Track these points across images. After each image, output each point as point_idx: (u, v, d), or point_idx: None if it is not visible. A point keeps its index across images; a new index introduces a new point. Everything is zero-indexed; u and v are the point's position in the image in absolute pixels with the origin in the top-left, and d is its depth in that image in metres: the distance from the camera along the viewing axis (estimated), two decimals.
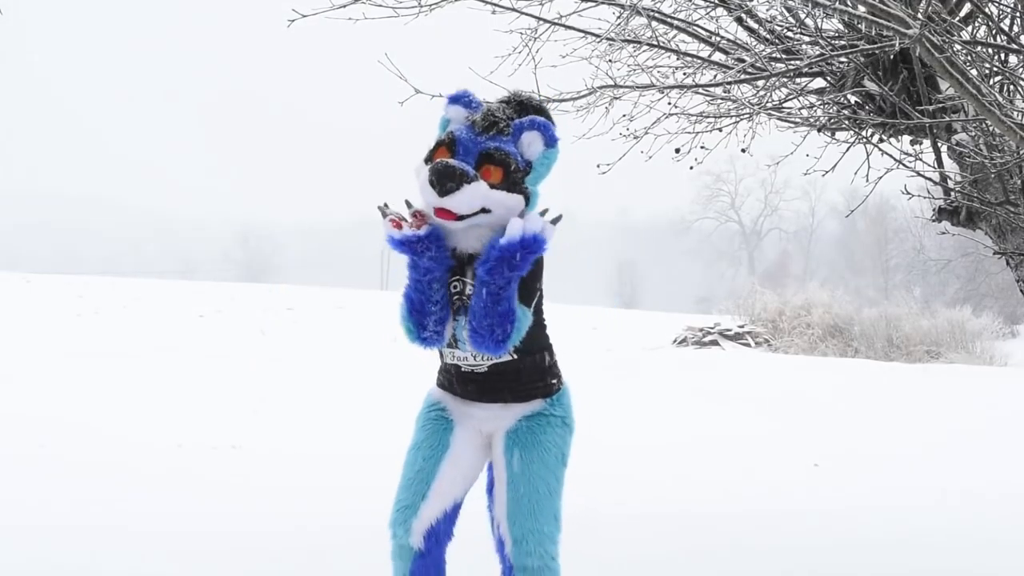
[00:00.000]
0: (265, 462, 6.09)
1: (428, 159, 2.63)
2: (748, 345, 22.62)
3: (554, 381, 2.83)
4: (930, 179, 4.00)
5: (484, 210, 2.58)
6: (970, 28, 3.87)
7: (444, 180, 2.50)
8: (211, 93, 75.13)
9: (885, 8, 2.68)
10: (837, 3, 3.36)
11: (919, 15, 2.73)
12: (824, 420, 8.68)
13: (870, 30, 3.57)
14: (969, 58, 3.42)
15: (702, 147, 4.50)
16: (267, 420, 7.81)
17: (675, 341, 23.46)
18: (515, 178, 2.63)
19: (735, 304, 25.96)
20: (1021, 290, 3.91)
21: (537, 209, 2.71)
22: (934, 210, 4.12)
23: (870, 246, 49.46)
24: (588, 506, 5.14)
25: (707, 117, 4.37)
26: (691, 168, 4.66)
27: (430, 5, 3.81)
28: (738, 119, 4.37)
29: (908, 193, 4.12)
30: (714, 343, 22.53)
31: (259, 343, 18.92)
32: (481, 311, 2.56)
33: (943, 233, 4.52)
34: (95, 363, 11.38)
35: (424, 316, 2.63)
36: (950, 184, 3.96)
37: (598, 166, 4.30)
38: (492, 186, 2.57)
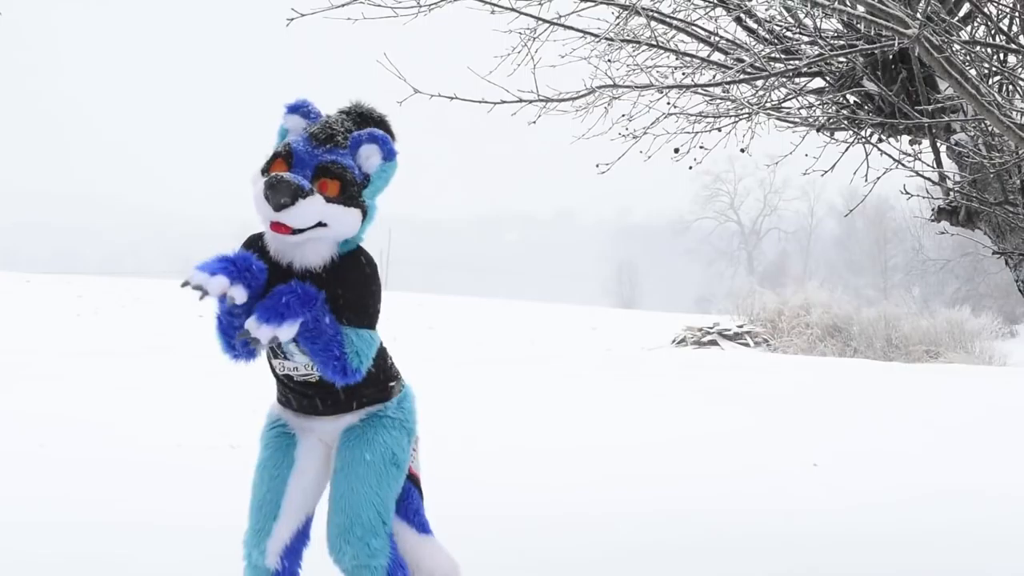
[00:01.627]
0: None
1: (265, 170, 2.60)
2: (747, 345, 22.65)
3: (392, 384, 2.86)
4: (929, 179, 4.00)
5: (321, 224, 2.55)
6: (969, 28, 3.87)
7: (278, 195, 2.47)
8: (211, 92, 75.12)
9: (884, 8, 2.68)
10: (836, 3, 3.36)
11: (918, 15, 2.73)
12: (823, 420, 8.68)
13: (869, 30, 3.57)
14: (968, 58, 3.42)
15: (701, 147, 4.50)
16: None
17: (674, 341, 23.48)
18: (352, 191, 2.60)
19: (734, 304, 26.00)
20: (1020, 290, 3.91)
21: (374, 222, 2.71)
22: (933, 210, 4.13)
23: (869, 246, 49.46)
24: (587, 505, 5.15)
25: (706, 117, 4.37)
26: (690, 168, 4.67)
27: (429, 5, 3.81)
28: (737, 119, 4.37)
29: (907, 193, 4.13)
30: (713, 343, 22.56)
31: None
32: (310, 351, 2.58)
33: (942, 233, 4.52)
34: (94, 362, 11.38)
35: (232, 336, 2.63)
36: (949, 184, 3.96)
37: (597, 166, 4.30)
38: (328, 199, 2.55)
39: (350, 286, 2.63)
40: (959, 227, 4.08)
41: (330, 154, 2.59)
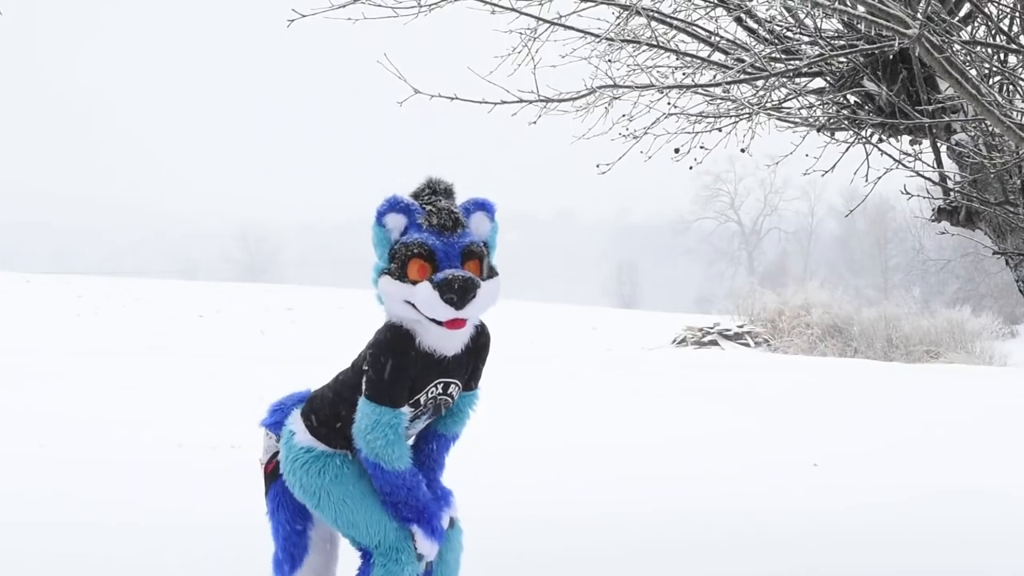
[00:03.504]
0: None
1: (400, 275, 2.58)
2: (747, 345, 22.65)
3: None
4: (929, 179, 4.00)
5: None
6: (969, 28, 3.87)
7: (467, 294, 2.53)
8: (212, 93, 75.15)
9: (885, 8, 2.68)
10: (837, 3, 3.36)
11: (918, 15, 2.73)
12: (824, 420, 8.68)
13: (870, 30, 3.57)
14: (968, 58, 3.42)
15: (701, 147, 4.50)
16: None
17: (675, 341, 23.47)
18: (488, 263, 2.69)
19: (734, 304, 26.00)
20: (1020, 290, 3.91)
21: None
22: (933, 210, 4.12)
23: (870, 246, 49.45)
24: (587, 505, 5.15)
25: (707, 117, 4.37)
26: (691, 168, 4.66)
27: (429, 5, 3.81)
28: (738, 119, 4.36)
29: (907, 193, 4.13)
30: (713, 343, 22.56)
31: (259, 343, 18.94)
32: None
33: (942, 233, 4.52)
34: (95, 362, 11.39)
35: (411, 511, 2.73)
36: (949, 184, 3.96)
37: (598, 166, 4.30)
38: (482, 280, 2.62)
39: (483, 358, 2.83)
40: (959, 227, 4.07)
41: (463, 238, 2.64)
